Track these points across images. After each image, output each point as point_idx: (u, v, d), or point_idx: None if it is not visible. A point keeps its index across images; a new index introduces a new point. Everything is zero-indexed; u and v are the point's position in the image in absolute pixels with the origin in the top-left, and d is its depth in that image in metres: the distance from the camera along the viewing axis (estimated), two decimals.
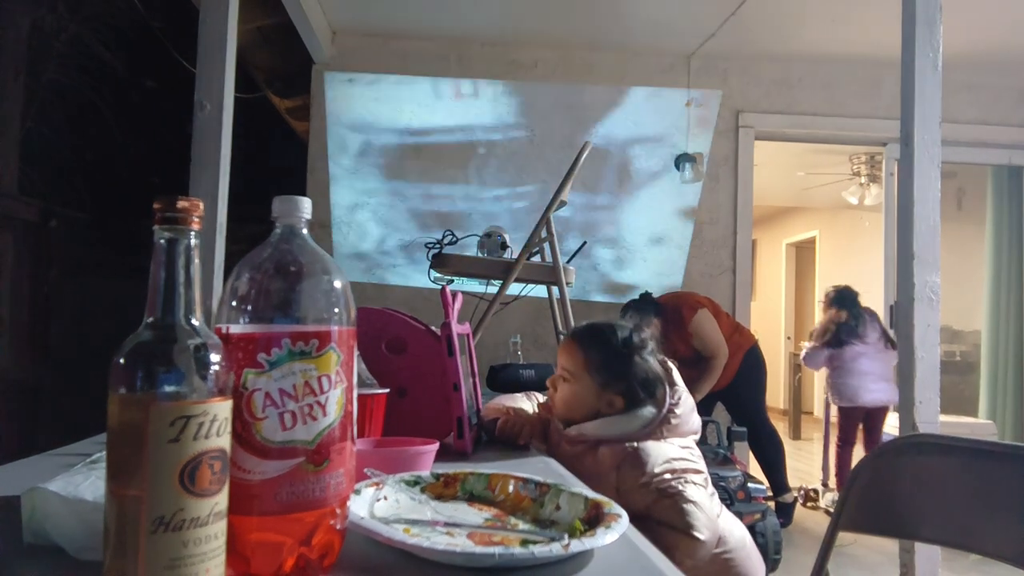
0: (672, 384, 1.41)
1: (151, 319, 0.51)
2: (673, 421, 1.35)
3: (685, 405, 1.39)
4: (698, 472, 1.32)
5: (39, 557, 0.61)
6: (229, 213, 2.26)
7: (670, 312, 3.54)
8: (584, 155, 2.42)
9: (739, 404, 3.79)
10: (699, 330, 3.51)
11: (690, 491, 1.26)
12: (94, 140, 2.97)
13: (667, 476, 1.27)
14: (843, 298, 4.40)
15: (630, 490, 1.27)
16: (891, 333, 4.24)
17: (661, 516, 1.25)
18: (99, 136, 3.01)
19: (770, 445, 3.84)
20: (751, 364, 3.71)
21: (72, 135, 2.79)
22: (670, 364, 1.45)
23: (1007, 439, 4.44)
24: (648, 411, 1.36)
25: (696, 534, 1.23)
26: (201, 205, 0.53)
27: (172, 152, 2.42)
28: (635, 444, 1.31)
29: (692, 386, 1.52)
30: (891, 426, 4.17)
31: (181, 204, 0.52)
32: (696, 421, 1.41)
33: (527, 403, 1.56)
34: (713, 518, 1.30)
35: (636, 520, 1.23)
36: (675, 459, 1.30)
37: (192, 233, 0.53)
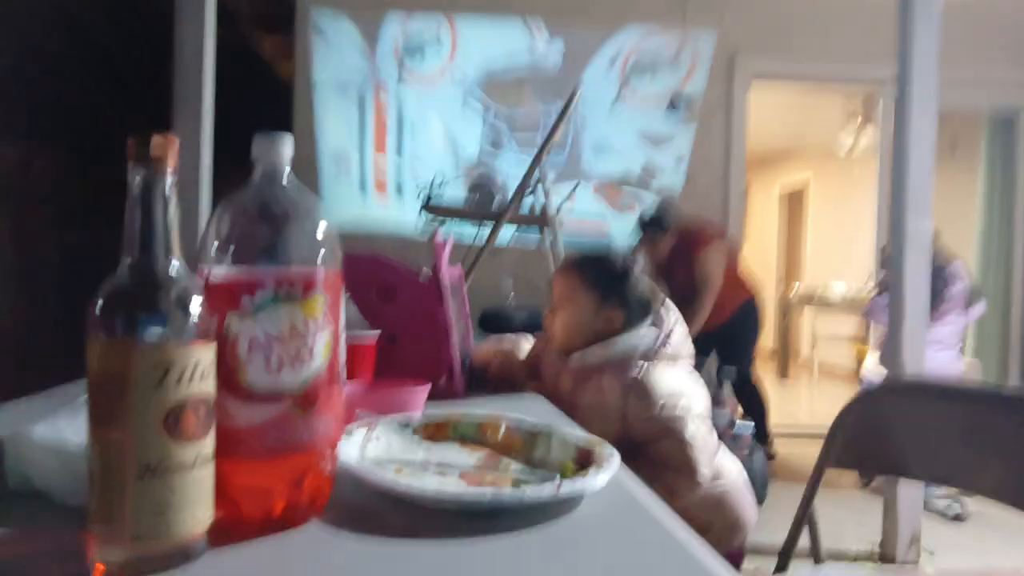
0: (667, 307, 1.43)
1: (129, 260, 0.50)
2: (673, 341, 1.38)
3: (681, 328, 1.42)
4: (700, 402, 1.35)
5: (24, 502, 0.61)
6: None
7: (688, 235, 3.47)
8: (576, 99, 2.37)
9: (730, 350, 3.79)
10: (705, 263, 3.41)
11: (691, 430, 1.29)
12: (75, 83, 2.89)
13: (675, 412, 1.29)
14: None
15: (635, 420, 1.30)
16: (970, 292, 3.51)
17: (662, 455, 1.28)
18: (80, 79, 2.93)
19: (754, 398, 3.85)
20: (746, 315, 3.67)
21: (53, 78, 2.72)
22: (658, 291, 1.47)
23: (991, 378, 4.52)
24: (649, 332, 1.38)
25: (697, 477, 1.27)
26: (177, 142, 0.51)
27: (156, 94, 2.37)
28: (639, 374, 1.32)
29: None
30: (875, 366, 4.14)
31: (156, 141, 0.50)
32: (690, 346, 1.44)
33: (516, 344, 1.57)
34: (712, 455, 1.32)
35: (637, 447, 1.27)
36: (679, 390, 1.32)
37: (168, 171, 0.51)
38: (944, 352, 3.45)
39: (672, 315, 1.42)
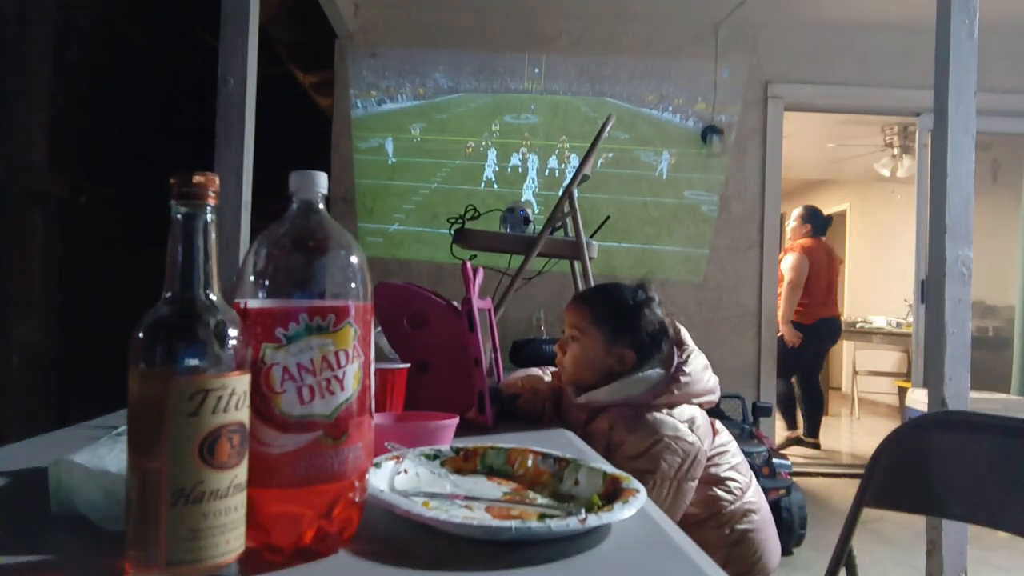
0: (681, 344, 1.39)
1: (169, 294, 0.52)
2: (683, 380, 1.32)
3: (696, 364, 1.36)
4: (692, 452, 1.27)
5: (66, 527, 0.63)
6: (253, 189, 2.27)
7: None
8: (607, 129, 2.39)
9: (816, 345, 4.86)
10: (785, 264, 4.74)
11: (658, 491, 1.24)
12: (122, 116, 3.00)
13: (651, 461, 1.24)
14: None
15: (616, 454, 1.27)
16: None
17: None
18: (127, 112, 3.04)
19: (817, 397, 5.08)
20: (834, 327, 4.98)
21: (100, 112, 2.82)
22: (679, 325, 1.43)
23: None
24: (655, 372, 1.33)
25: None
26: (217, 180, 0.53)
27: (199, 128, 2.45)
28: (636, 410, 1.28)
29: None
30: (920, 403, 4.07)
31: (197, 179, 0.52)
32: (710, 380, 1.38)
33: (541, 375, 1.56)
34: (682, 507, 1.27)
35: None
36: (669, 437, 1.25)
37: (208, 208, 0.53)
38: None
39: (687, 349, 1.38)
